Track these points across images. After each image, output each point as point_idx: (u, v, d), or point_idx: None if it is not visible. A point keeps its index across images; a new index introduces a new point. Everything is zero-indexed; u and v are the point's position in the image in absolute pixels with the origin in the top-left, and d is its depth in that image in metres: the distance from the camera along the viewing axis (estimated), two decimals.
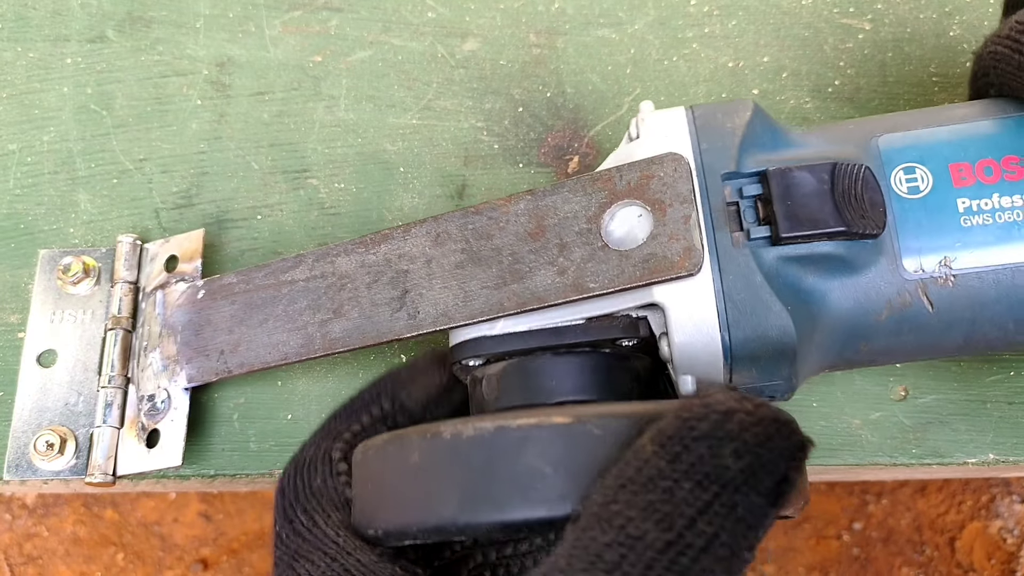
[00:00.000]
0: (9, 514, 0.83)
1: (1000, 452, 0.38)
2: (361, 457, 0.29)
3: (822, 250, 0.29)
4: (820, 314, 0.29)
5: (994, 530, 0.81)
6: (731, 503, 0.22)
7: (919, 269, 0.29)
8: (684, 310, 0.28)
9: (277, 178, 0.42)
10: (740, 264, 0.28)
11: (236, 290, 0.36)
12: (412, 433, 0.27)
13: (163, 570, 0.82)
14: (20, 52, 0.45)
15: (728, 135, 0.30)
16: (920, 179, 0.30)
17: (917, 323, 0.30)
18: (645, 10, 0.45)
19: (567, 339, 0.30)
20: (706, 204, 0.29)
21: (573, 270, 0.30)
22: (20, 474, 0.37)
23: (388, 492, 0.27)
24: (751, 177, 0.30)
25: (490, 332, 0.31)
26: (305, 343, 0.34)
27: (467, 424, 0.26)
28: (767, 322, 0.28)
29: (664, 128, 0.31)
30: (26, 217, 0.42)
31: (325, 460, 0.31)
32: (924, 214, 0.29)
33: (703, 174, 0.29)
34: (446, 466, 0.25)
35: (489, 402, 0.31)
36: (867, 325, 0.30)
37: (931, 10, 0.44)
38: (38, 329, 0.39)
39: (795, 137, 0.31)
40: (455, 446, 0.25)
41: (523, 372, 0.30)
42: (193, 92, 0.44)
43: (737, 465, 0.22)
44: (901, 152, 0.30)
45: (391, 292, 0.33)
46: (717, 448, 0.22)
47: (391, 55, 0.44)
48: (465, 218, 0.32)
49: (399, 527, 0.26)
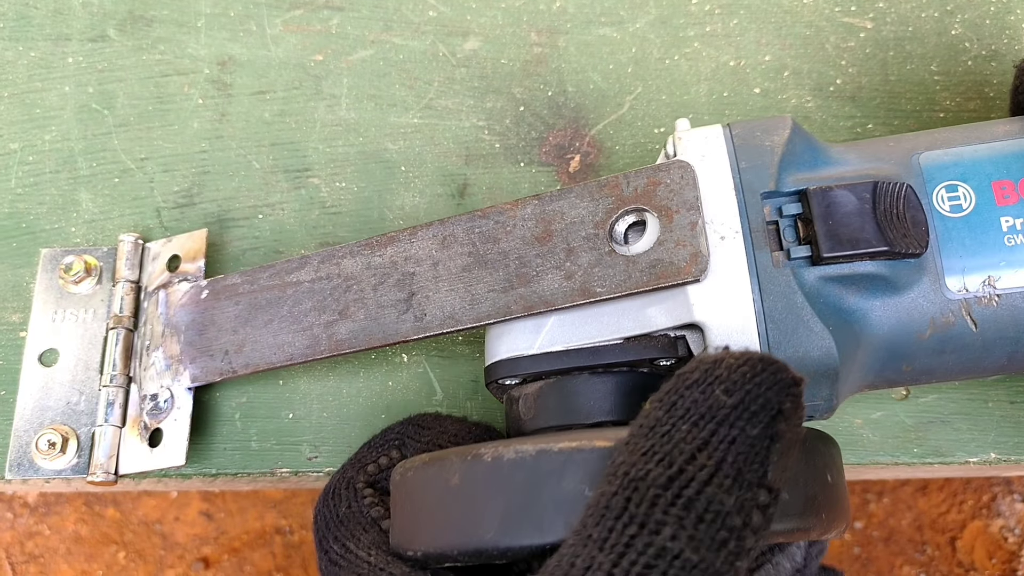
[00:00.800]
0: (11, 513, 0.83)
1: (1001, 451, 0.38)
2: (400, 478, 0.29)
3: (864, 270, 0.29)
4: (862, 334, 0.29)
5: (995, 529, 0.81)
6: (729, 437, 0.22)
7: (963, 288, 0.29)
8: (725, 330, 0.28)
9: (278, 177, 0.42)
10: (781, 284, 0.28)
11: (240, 290, 0.36)
12: (452, 455, 0.27)
13: (164, 569, 0.82)
14: (21, 51, 0.45)
15: (767, 153, 0.30)
16: (962, 197, 0.30)
17: (960, 343, 0.29)
18: (646, 9, 0.45)
19: (605, 359, 0.30)
20: (745, 223, 0.29)
21: (580, 275, 0.30)
22: (22, 473, 0.37)
23: (428, 514, 0.27)
24: (791, 196, 0.29)
25: (527, 351, 0.31)
26: (311, 344, 0.34)
27: (508, 447, 0.25)
28: (809, 343, 0.28)
29: (701, 146, 0.30)
30: (28, 216, 0.42)
31: (349, 488, 0.32)
32: (967, 233, 0.29)
33: (742, 193, 0.29)
34: (487, 488, 0.25)
35: (525, 421, 0.31)
36: (909, 345, 0.29)
37: (933, 8, 0.44)
38: (40, 328, 0.39)
39: (834, 154, 0.31)
40: (496, 468, 0.25)
41: (561, 392, 0.30)
42: (194, 91, 0.44)
43: (729, 401, 0.22)
44: (943, 170, 0.30)
45: (397, 294, 0.33)
46: (709, 390, 0.23)
47: (392, 54, 0.44)
48: (472, 221, 0.32)
49: (439, 549, 0.26)
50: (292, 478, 0.38)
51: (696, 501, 0.22)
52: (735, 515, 0.22)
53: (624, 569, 0.21)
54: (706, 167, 0.30)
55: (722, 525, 0.21)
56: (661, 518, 0.22)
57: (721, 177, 0.30)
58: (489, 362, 0.32)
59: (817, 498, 0.27)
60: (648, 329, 0.30)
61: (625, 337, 0.30)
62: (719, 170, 0.30)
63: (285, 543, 0.82)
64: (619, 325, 0.30)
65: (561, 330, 0.31)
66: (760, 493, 0.22)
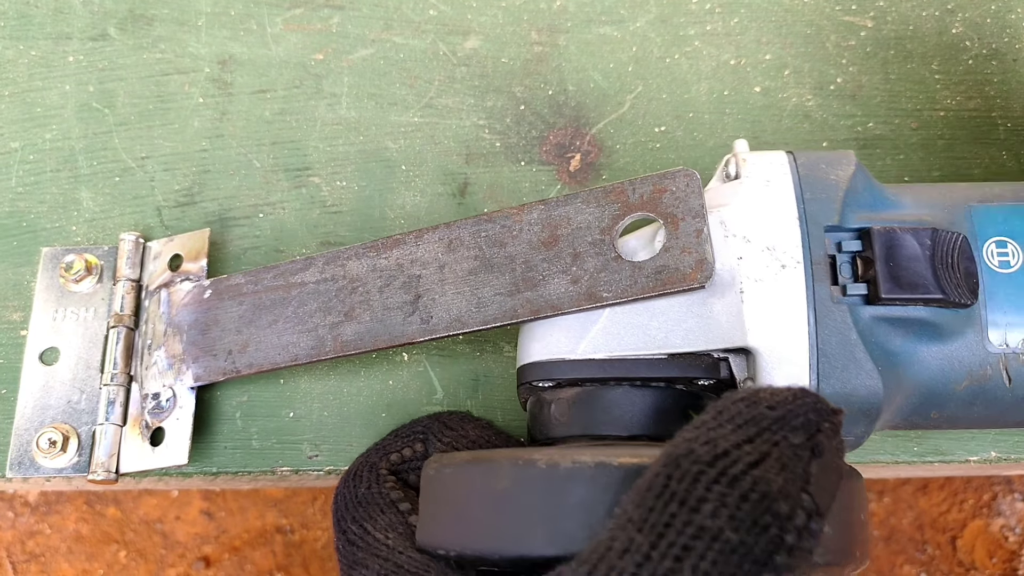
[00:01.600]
0: (12, 512, 0.83)
1: (1002, 450, 0.38)
2: (435, 473, 0.28)
3: (916, 315, 0.29)
4: (904, 377, 0.29)
5: (996, 528, 0.81)
6: (773, 439, 0.22)
7: (1004, 344, 0.30)
8: (776, 357, 0.28)
9: (279, 176, 0.42)
10: (837, 319, 0.28)
11: (244, 291, 0.36)
12: (501, 458, 0.26)
13: (165, 568, 0.82)
14: (22, 50, 0.45)
15: (832, 188, 0.30)
16: (1011, 254, 0.30)
17: (992, 396, 0.30)
18: (647, 7, 0.45)
19: (648, 372, 0.30)
20: (807, 255, 0.29)
21: (586, 279, 0.30)
22: (23, 471, 0.37)
23: (469, 514, 0.26)
24: (853, 233, 0.30)
25: (568, 356, 0.30)
26: (316, 345, 0.34)
27: (564, 456, 0.25)
28: (857, 380, 0.28)
29: (766, 172, 0.30)
30: (28, 215, 0.42)
31: (372, 471, 0.32)
32: (1013, 289, 0.30)
33: (805, 223, 0.29)
34: (539, 496, 0.25)
35: (557, 427, 0.30)
36: (945, 394, 0.30)
37: (933, 7, 0.44)
38: (40, 327, 0.39)
39: (890, 195, 0.31)
40: (550, 477, 0.25)
41: (600, 401, 0.30)
42: (195, 90, 0.44)
43: (773, 414, 0.23)
44: (994, 224, 0.30)
45: (403, 296, 0.33)
46: (754, 405, 0.23)
47: (393, 53, 0.44)
48: (478, 225, 0.32)
49: (479, 552, 0.26)
50: (293, 477, 0.38)
51: (741, 480, 0.21)
52: (781, 501, 0.21)
53: (662, 552, 0.21)
54: (771, 193, 0.30)
55: (767, 509, 0.21)
56: (702, 494, 0.21)
57: (786, 205, 0.30)
58: (523, 362, 0.32)
59: (856, 535, 0.27)
60: (697, 347, 0.30)
61: (670, 353, 0.30)
62: (784, 198, 0.30)
63: (286, 542, 0.82)
64: (667, 340, 0.30)
65: (605, 337, 0.30)
66: (804, 497, 0.21)
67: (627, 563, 0.21)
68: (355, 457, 0.36)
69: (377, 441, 0.34)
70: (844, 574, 0.27)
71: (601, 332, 0.30)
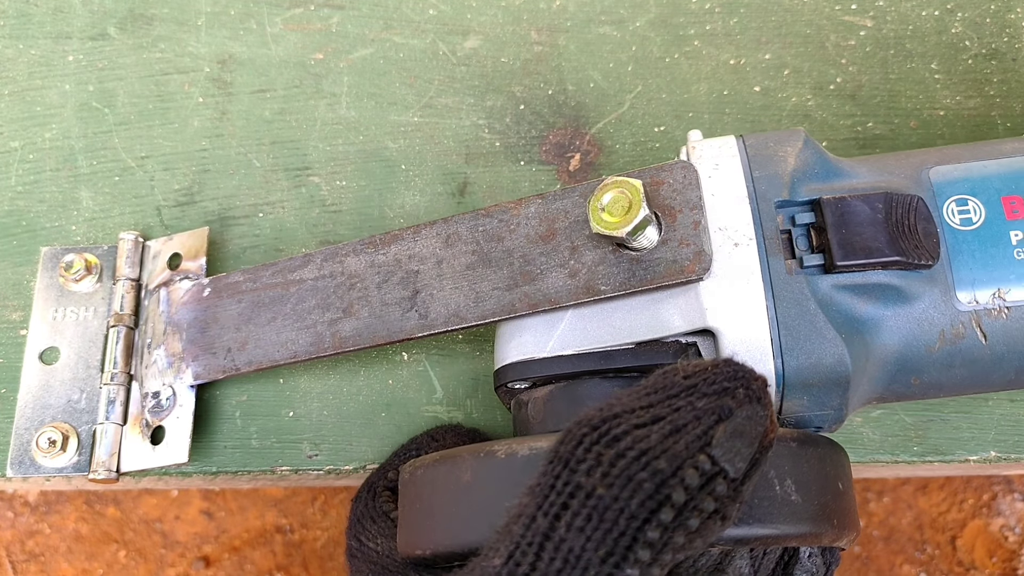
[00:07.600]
0: (11, 511, 0.83)
1: (1002, 450, 0.38)
2: (409, 476, 0.29)
3: (876, 279, 0.29)
4: (873, 344, 0.29)
5: (996, 528, 0.81)
6: (675, 405, 0.23)
7: (973, 301, 0.29)
8: (737, 335, 0.28)
9: (279, 175, 0.42)
10: (794, 291, 0.28)
11: (243, 288, 0.36)
12: (464, 452, 0.27)
13: (165, 567, 0.82)
14: (22, 49, 0.45)
15: (780, 163, 0.30)
16: (972, 211, 0.30)
17: (970, 356, 0.30)
18: (647, 7, 0.45)
19: (616, 363, 0.30)
20: (759, 232, 0.29)
21: (584, 273, 0.30)
22: (22, 471, 0.37)
23: (438, 512, 0.27)
24: (804, 205, 0.30)
25: (538, 355, 0.31)
26: (315, 342, 0.34)
27: (522, 444, 0.25)
28: (821, 349, 0.28)
29: (715, 156, 0.31)
30: (28, 214, 0.42)
31: (370, 491, 0.34)
32: (977, 246, 0.30)
33: (756, 201, 0.30)
34: (500, 485, 0.25)
35: (534, 425, 0.31)
36: (920, 357, 0.30)
37: (933, 7, 0.44)
38: (40, 326, 0.39)
39: (845, 167, 0.31)
40: (509, 465, 0.25)
41: (571, 396, 0.30)
42: (195, 89, 0.44)
43: (684, 382, 0.23)
44: (953, 184, 0.30)
45: (402, 292, 0.33)
46: (671, 374, 0.24)
47: (392, 53, 0.44)
48: (475, 220, 0.32)
49: (450, 548, 0.26)
50: (292, 476, 0.38)
51: (621, 439, 0.22)
52: (661, 459, 0.21)
53: (544, 511, 0.22)
54: (720, 176, 0.30)
55: (643, 466, 0.21)
56: (581, 455, 0.22)
57: (735, 186, 0.30)
58: (499, 365, 0.32)
59: (829, 504, 0.27)
60: (661, 334, 0.30)
61: (637, 342, 0.30)
62: (733, 179, 0.30)
63: (285, 542, 0.82)
64: (631, 330, 0.30)
65: (572, 334, 0.30)
66: (700, 457, 0.22)
67: (518, 527, 0.22)
68: (355, 456, 0.37)
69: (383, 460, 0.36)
70: (825, 542, 0.27)
71: (568, 329, 0.31)
